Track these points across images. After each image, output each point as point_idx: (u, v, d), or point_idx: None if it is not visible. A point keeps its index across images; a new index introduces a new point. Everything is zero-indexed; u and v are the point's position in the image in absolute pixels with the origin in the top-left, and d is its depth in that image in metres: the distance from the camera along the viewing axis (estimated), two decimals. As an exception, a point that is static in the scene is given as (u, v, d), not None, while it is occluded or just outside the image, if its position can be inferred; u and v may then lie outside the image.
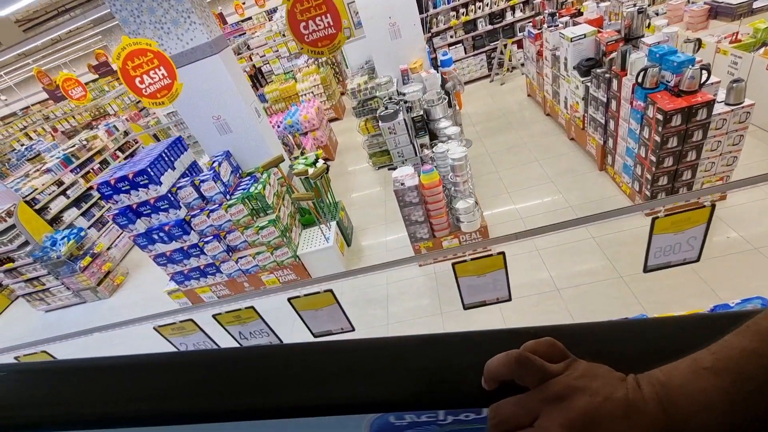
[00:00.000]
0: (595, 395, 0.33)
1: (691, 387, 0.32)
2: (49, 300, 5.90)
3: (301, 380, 0.43)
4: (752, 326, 0.32)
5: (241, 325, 1.83)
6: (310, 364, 0.45)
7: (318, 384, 0.42)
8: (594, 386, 0.34)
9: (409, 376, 0.41)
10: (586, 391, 0.33)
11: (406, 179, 3.64)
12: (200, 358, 0.51)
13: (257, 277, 4.51)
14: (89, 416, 0.44)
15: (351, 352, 0.45)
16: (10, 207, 5.29)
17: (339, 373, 0.43)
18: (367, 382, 0.42)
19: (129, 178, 3.73)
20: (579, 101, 4.58)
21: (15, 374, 0.52)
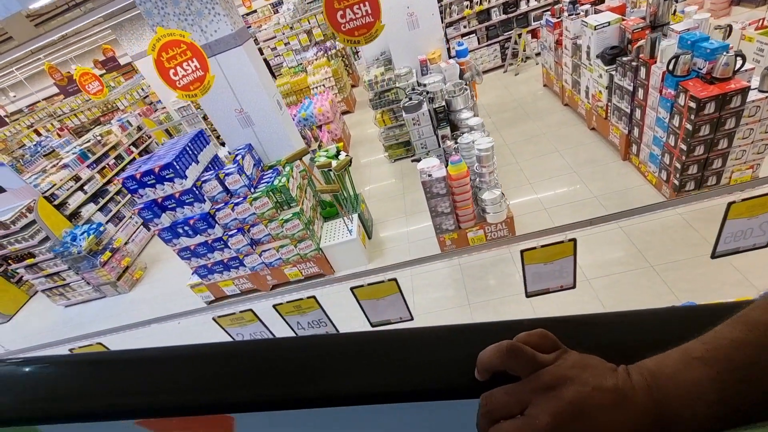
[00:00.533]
0: (585, 385, 0.34)
1: (681, 376, 0.32)
2: (69, 295, 5.93)
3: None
4: (742, 317, 0.33)
5: (301, 315, 1.82)
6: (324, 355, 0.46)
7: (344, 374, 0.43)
8: (584, 376, 0.34)
9: (400, 368, 0.42)
10: (575, 381, 0.34)
11: (433, 170, 3.62)
12: (261, 347, 0.52)
13: (280, 270, 4.51)
14: (156, 405, 0.45)
15: (334, 347, 0.46)
16: (30, 203, 5.30)
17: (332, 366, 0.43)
18: (353, 376, 0.42)
19: (155, 171, 3.73)
20: (602, 90, 4.53)
21: (84, 365, 0.52)
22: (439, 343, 0.43)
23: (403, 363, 0.42)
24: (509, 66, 7.62)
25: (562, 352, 0.37)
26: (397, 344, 0.44)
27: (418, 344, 0.44)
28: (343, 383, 0.42)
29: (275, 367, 0.45)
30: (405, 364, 0.42)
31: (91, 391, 0.47)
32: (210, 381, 0.45)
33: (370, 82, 5.49)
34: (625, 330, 0.42)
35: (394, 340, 0.45)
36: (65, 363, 0.52)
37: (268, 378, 0.44)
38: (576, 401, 0.33)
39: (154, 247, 6.82)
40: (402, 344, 0.44)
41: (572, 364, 0.36)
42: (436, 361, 0.41)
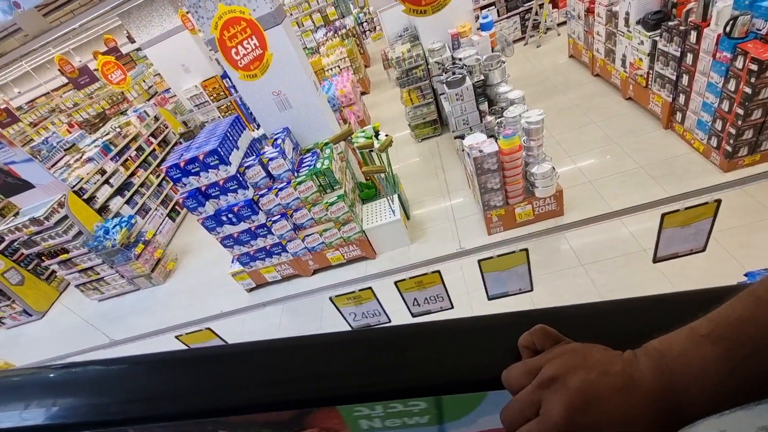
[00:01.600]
0: (590, 371, 0.34)
1: (689, 355, 0.32)
2: (103, 289, 5.94)
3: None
4: (749, 293, 0.33)
5: (420, 290, 1.79)
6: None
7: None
8: (588, 363, 0.34)
9: (405, 365, 0.42)
10: (580, 369, 0.34)
11: (483, 146, 3.57)
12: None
13: (322, 254, 4.50)
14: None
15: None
16: (61, 198, 5.24)
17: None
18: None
19: (199, 159, 3.66)
20: (643, 58, 4.43)
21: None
22: (441, 339, 0.44)
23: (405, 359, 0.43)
24: (530, 38, 7.45)
25: (562, 344, 0.38)
26: (396, 341, 0.46)
27: (419, 341, 0.45)
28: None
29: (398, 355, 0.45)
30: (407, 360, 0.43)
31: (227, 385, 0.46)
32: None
33: (398, 59, 5.36)
34: (631, 317, 0.43)
35: (396, 336, 0.46)
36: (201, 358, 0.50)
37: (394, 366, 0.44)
38: (584, 389, 0.33)
39: (181, 238, 6.80)
40: (402, 341, 0.46)
41: (573, 353, 0.36)
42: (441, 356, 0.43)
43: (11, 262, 6.23)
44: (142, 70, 12.81)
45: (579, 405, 0.32)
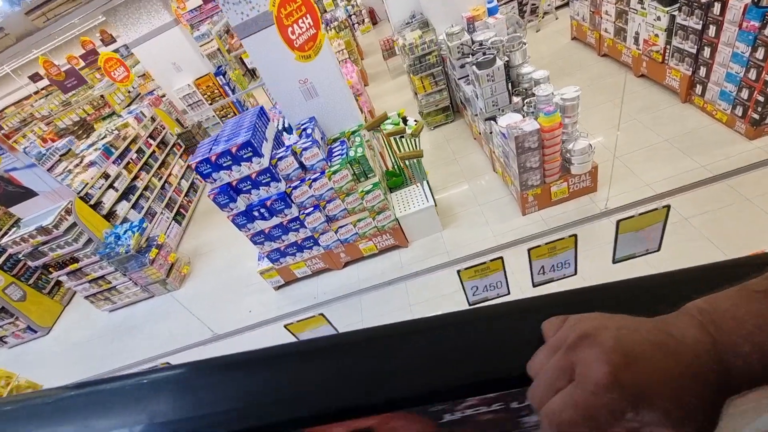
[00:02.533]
0: (620, 328, 0.30)
1: (740, 310, 0.30)
2: (114, 299, 5.67)
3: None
4: None
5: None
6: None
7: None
8: (615, 322, 0.31)
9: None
10: (609, 327, 0.31)
11: (523, 125, 3.55)
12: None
13: (355, 245, 4.41)
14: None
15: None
16: (68, 204, 4.96)
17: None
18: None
19: (232, 152, 3.52)
20: (659, 33, 4.51)
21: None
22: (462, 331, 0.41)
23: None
24: (529, 23, 7.50)
25: (571, 317, 0.35)
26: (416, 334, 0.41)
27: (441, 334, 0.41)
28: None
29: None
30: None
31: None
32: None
33: (411, 46, 5.29)
34: (657, 295, 0.39)
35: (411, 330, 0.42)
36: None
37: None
38: (622, 344, 0.29)
39: (189, 242, 6.56)
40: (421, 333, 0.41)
41: (595, 317, 0.33)
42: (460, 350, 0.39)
43: (11, 277, 5.88)
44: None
45: (619, 361, 0.28)
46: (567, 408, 0.29)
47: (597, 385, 0.28)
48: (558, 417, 0.29)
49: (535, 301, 0.41)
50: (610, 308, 0.34)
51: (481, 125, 4.69)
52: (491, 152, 4.67)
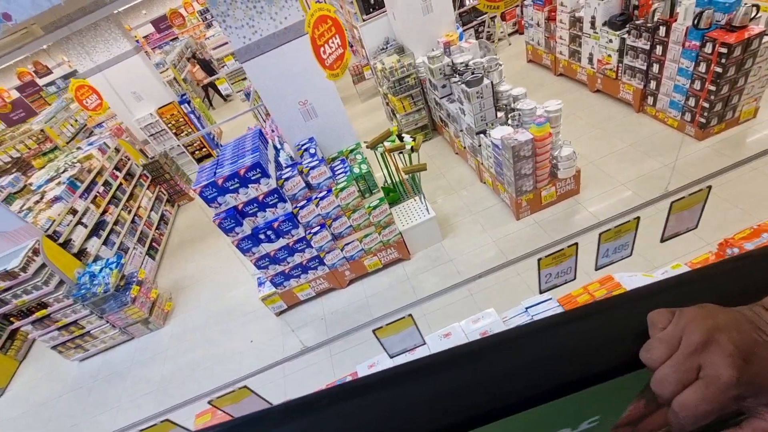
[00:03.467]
0: (730, 330, 0.37)
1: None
2: (87, 345, 5.14)
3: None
4: None
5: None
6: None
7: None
8: (721, 324, 0.38)
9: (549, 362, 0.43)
10: (720, 330, 0.37)
11: (517, 136, 3.86)
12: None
13: (360, 262, 4.43)
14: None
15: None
16: (35, 244, 4.50)
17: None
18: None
19: (240, 174, 3.46)
20: (612, 54, 5.13)
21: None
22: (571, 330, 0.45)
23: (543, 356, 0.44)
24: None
25: (680, 313, 0.41)
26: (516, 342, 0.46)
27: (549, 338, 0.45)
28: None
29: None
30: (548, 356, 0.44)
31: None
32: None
33: (391, 69, 5.55)
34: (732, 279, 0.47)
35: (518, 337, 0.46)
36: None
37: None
38: (739, 347, 0.36)
39: (166, 276, 6.16)
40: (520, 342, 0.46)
41: (702, 317, 0.39)
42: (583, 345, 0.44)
43: (-46, 335, 5.14)
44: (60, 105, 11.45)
45: (741, 363, 0.36)
46: (702, 402, 0.36)
47: (727, 384, 0.35)
48: (694, 409, 0.36)
49: (627, 296, 0.47)
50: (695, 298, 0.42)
51: (467, 140, 4.99)
52: (479, 164, 4.96)
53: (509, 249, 4.25)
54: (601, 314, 0.46)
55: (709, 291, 0.45)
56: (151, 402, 4.42)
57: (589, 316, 0.46)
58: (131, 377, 4.83)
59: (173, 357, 4.82)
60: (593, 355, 0.43)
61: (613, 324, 0.44)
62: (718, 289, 0.46)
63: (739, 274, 0.47)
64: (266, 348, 4.41)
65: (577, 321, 0.46)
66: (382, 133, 3.98)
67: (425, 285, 4.28)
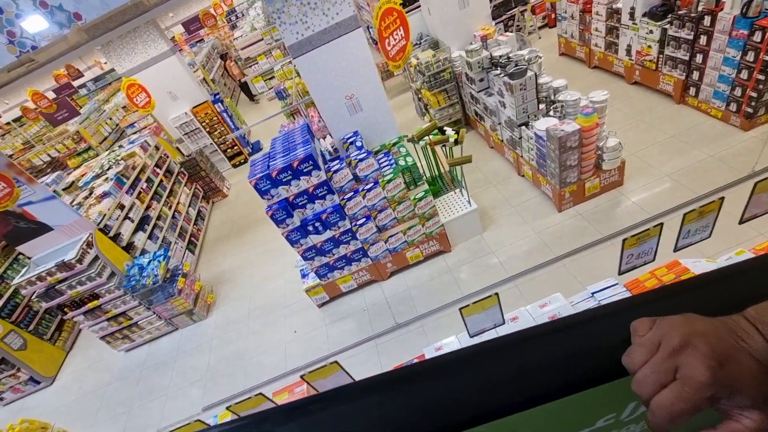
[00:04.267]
0: (708, 336, 0.40)
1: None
2: (134, 336, 5.32)
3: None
4: None
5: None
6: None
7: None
8: (699, 329, 0.40)
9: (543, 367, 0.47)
10: (698, 335, 0.40)
11: (563, 126, 3.86)
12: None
13: (402, 254, 4.49)
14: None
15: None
16: (89, 237, 4.68)
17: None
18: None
19: (293, 167, 3.55)
20: (652, 45, 5.08)
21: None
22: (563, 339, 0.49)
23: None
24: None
25: (661, 320, 0.43)
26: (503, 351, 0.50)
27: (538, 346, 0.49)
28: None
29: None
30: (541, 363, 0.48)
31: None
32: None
33: (427, 64, 5.59)
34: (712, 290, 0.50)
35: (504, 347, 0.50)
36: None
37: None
38: (715, 350, 0.38)
39: (205, 270, 6.31)
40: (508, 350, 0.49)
41: (682, 324, 0.42)
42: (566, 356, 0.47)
43: (10, 324, 5.37)
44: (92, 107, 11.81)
45: (716, 364, 0.38)
46: (677, 401, 0.38)
47: (701, 384, 0.37)
48: (670, 408, 0.38)
49: (611, 307, 0.51)
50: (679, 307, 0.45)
51: (506, 133, 5.00)
52: (517, 157, 4.97)
53: (552, 241, 4.25)
54: (607, 318, 0.49)
55: (694, 302, 0.48)
56: (199, 390, 4.55)
57: (594, 320, 0.49)
58: (178, 366, 4.98)
59: (218, 347, 4.95)
60: (599, 357, 0.46)
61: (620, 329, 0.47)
62: (701, 300, 0.49)
63: (721, 286, 0.50)
64: (311, 339, 4.50)
65: (584, 324, 0.49)
66: (428, 125, 4.02)
67: (467, 276, 4.31)
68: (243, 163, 8.91)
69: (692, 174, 4.25)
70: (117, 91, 13.40)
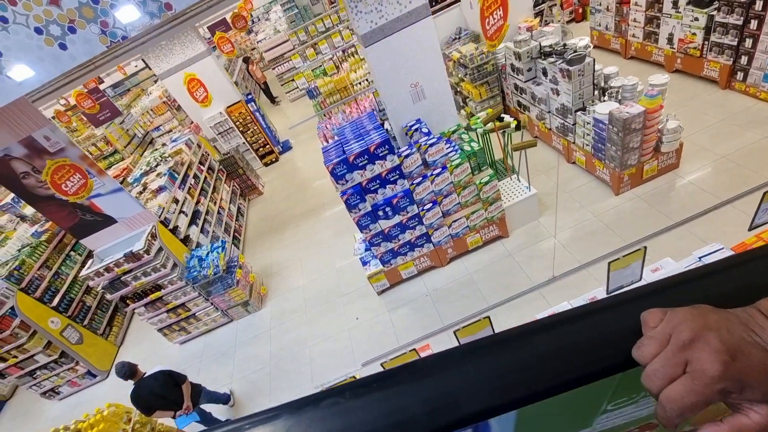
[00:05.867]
0: (720, 329, 0.39)
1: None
2: (190, 328, 5.39)
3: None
4: None
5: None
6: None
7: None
8: (711, 323, 0.40)
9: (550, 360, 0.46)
10: (710, 329, 0.39)
11: (628, 109, 3.95)
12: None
13: (463, 240, 4.56)
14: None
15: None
16: (152, 229, 4.76)
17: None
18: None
19: (371, 151, 3.64)
20: (697, 32, 5.18)
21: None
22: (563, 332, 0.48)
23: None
24: (543, 38, 8.23)
25: (673, 312, 0.42)
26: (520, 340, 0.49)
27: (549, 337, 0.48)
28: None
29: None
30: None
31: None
32: None
33: (471, 56, 5.69)
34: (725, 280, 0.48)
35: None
36: None
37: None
38: (726, 344, 0.38)
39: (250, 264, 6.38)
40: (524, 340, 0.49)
41: (693, 317, 0.41)
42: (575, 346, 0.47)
43: (67, 319, 5.45)
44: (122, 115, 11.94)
45: (727, 359, 0.37)
46: (688, 394, 0.38)
47: (712, 378, 0.37)
48: (680, 401, 0.38)
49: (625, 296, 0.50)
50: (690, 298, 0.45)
51: (555, 121, 5.09)
52: (567, 144, 5.05)
53: (614, 223, 4.32)
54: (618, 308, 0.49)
55: (707, 291, 0.48)
56: (264, 377, 4.61)
57: (606, 309, 0.49)
58: (238, 356, 5.04)
59: (278, 336, 5.01)
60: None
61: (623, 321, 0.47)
62: (715, 289, 0.47)
63: (737, 275, 0.49)
64: (374, 325, 4.57)
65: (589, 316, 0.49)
66: (493, 112, 4.12)
67: (528, 259, 4.38)
68: (274, 161, 9.02)
69: (750, 155, 4.32)
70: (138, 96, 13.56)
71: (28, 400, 6.13)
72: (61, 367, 5.33)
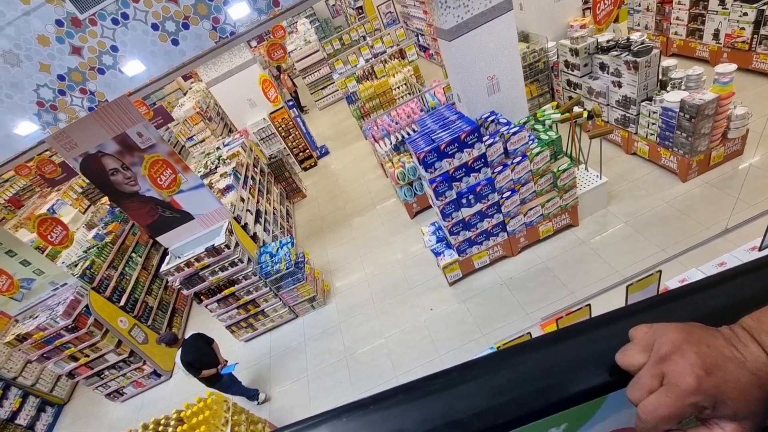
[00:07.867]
0: (700, 344, 0.39)
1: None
2: (257, 325, 5.43)
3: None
4: None
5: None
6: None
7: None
8: (694, 338, 0.40)
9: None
10: (690, 343, 0.40)
11: (701, 96, 4.09)
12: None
13: (536, 228, 4.65)
14: None
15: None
16: (228, 225, 4.86)
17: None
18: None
19: (461, 139, 3.76)
20: (745, 27, 5.37)
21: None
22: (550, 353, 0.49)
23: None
24: (576, 41, 8.47)
25: (660, 325, 0.43)
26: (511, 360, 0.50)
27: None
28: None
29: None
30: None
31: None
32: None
33: (524, 55, 5.88)
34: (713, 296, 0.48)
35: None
36: None
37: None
38: (702, 359, 0.38)
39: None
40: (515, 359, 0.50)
41: (677, 331, 0.41)
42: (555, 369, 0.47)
43: (133, 319, 5.50)
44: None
45: (702, 373, 0.38)
46: (661, 406, 0.38)
47: (685, 391, 0.37)
48: (654, 413, 0.39)
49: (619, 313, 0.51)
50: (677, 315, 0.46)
51: (615, 113, 5.24)
52: (628, 136, 5.19)
53: (686, 208, 4.42)
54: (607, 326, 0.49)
55: (695, 310, 0.48)
56: (342, 369, 4.64)
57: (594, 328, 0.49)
58: (310, 350, 5.07)
59: (349, 329, 5.06)
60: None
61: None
62: (703, 307, 0.48)
63: (722, 292, 0.49)
64: (450, 314, 4.62)
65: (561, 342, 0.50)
66: (574, 99, 4.25)
67: (602, 246, 4.47)
68: (313, 166, 9.16)
69: (815, 137, 4.45)
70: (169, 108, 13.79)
71: (88, 402, 6.13)
72: (128, 367, 5.35)
